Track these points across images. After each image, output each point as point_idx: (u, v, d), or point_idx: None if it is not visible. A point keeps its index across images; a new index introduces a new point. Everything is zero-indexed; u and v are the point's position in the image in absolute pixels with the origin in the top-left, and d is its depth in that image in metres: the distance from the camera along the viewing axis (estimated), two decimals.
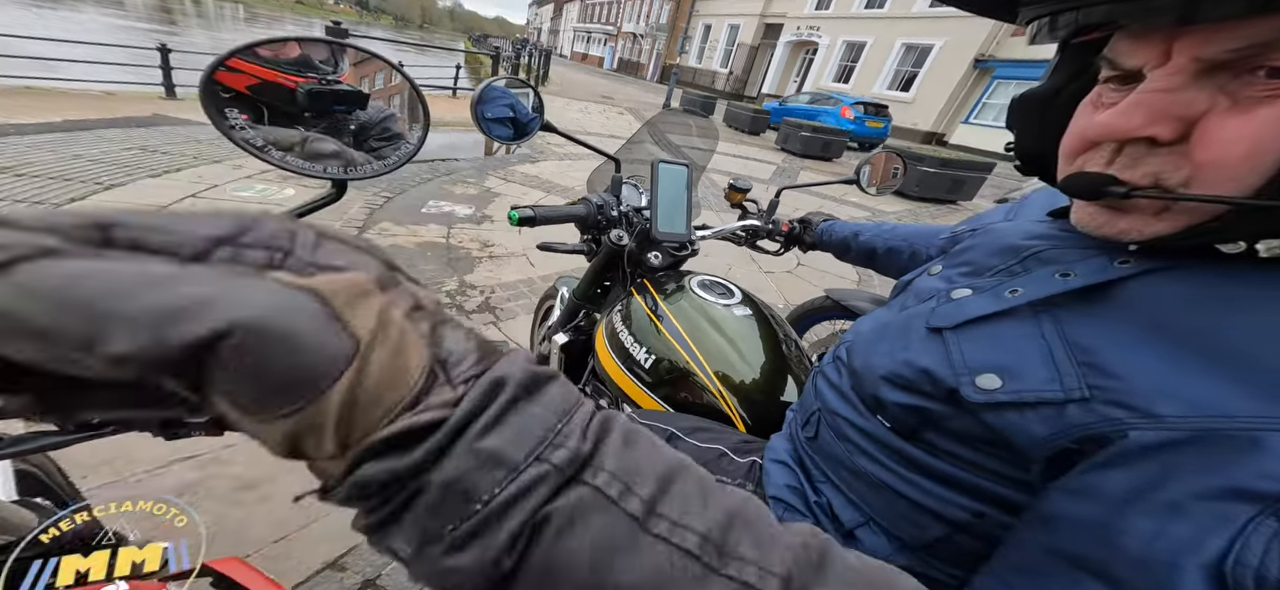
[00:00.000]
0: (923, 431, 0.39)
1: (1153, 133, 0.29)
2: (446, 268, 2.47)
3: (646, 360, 0.81)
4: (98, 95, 4.71)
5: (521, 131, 0.94)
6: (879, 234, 0.90)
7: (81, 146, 3.01)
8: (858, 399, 0.46)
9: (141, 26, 24.68)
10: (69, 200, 2.31)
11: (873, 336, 0.47)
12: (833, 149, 8.52)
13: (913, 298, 0.48)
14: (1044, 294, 0.35)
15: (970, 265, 0.45)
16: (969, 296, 0.40)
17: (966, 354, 0.36)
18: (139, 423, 0.20)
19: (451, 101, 8.62)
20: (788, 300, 2.91)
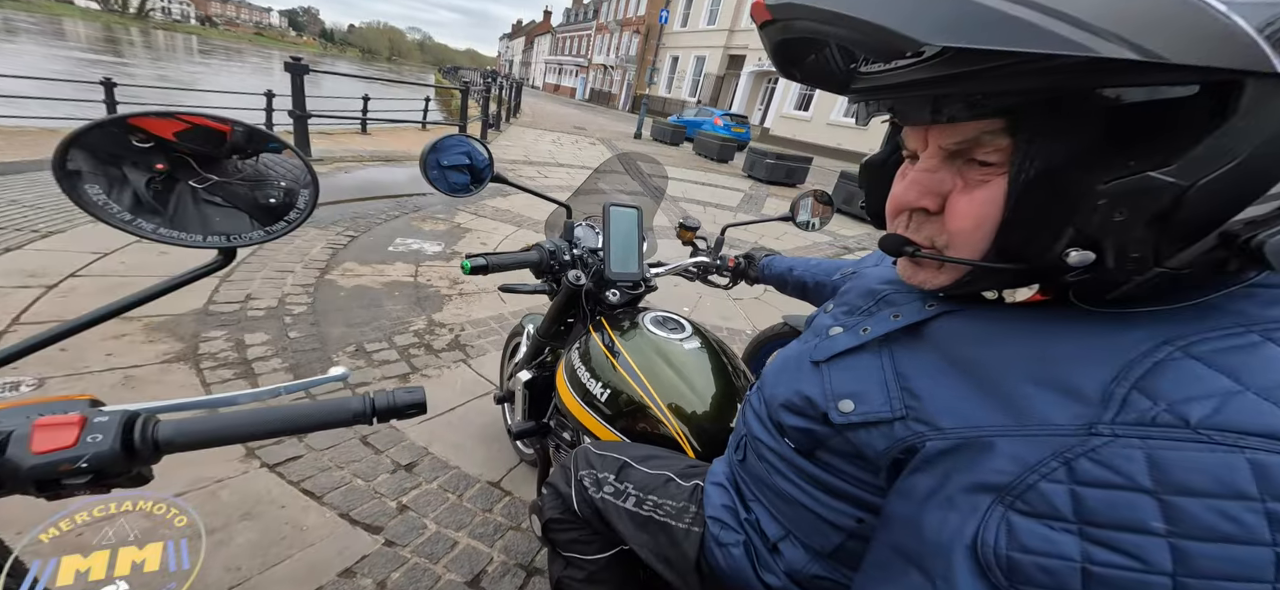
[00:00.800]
0: (816, 451, 0.45)
1: (923, 204, 0.36)
2: (415, 306, 2.41)
3: (603, 395, 0.84)
4: (35, 131, 4.42)
5: (478, 180, 0.97)
6: (808, 268, 0.98)
7: (16, 191, 2.81)
8: (769, 424, 0.50)
9: (87, 58, 23.56)
10: (3, 250, 2.14)
11: (779, 367, 0.52)
12: (796, 175, 8.91)
13: (812, 333, 0.53)
14: (883, 331, 0.42)
15: (846, 305, 0.51)
16: (840, 334, 0.46)
17: (834, 382, 0.42)
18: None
19: (421, 134, 8.57)
20: (754, 324, 2.98)
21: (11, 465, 0.35)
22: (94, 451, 0.36)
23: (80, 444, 0.36)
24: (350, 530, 1.26)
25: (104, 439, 0.37)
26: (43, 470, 0.35)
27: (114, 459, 0.37)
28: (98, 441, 0.37)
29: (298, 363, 1.83)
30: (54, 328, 0.36)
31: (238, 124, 0.44)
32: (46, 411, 0.39)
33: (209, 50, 62.52)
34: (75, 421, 0.37)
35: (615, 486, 0.66)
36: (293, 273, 2.48)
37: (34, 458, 0.35)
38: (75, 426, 0.37)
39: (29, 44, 28.37)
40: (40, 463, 0.35)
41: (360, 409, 0.46)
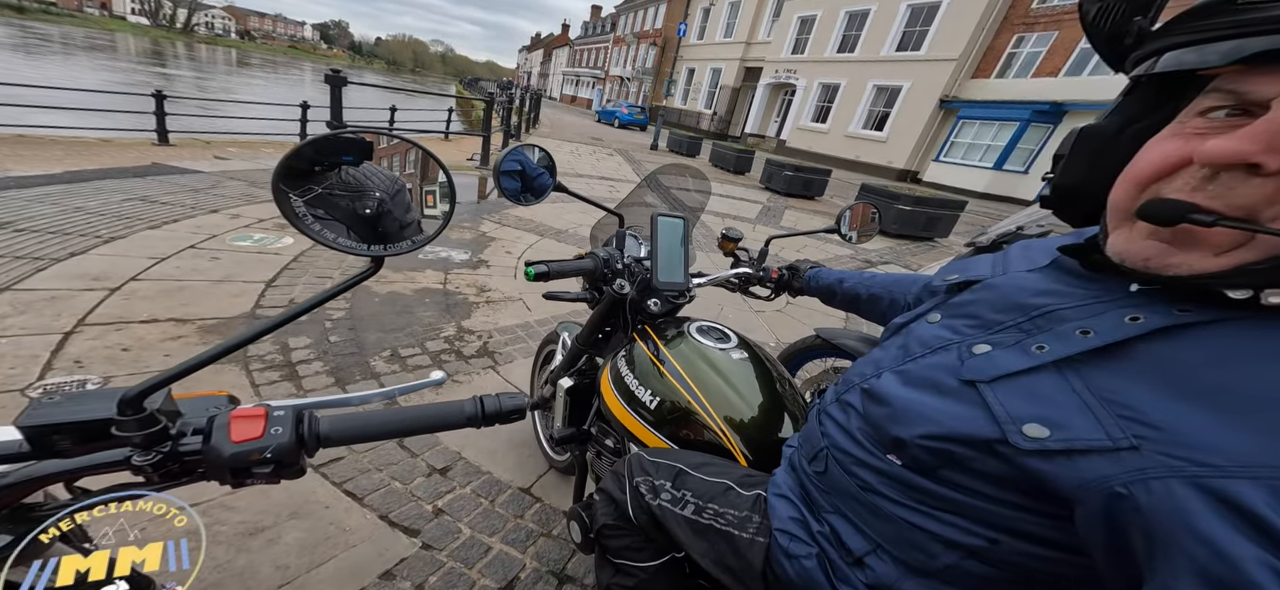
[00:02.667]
0: (940, 470, 0.42)
1: (1263, 160, 0.31)
2: (445, 313, 2.48)
3: (651, 401, 0.84)
4: (94, 142, 4.70)
5: (532, 189, 1.00)
6: (861, 282, 0.97)
7: (81, 199, 3.00)
8: (869, 441, 0.49)
9: (139, 71, 24.94)
10: (69, 255, 2.28)
11: (895, 384, 0.50)
12: (814, 187, 8.88)
13: (917, 345, 0.51)
14: (1068, 352, 0.38)
15: (976, 319, 0.48)
16: (992, 351, 0.43)
17: (1008, 405, 0.39)
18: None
19: (443, 144, 8.82)
20: (779, 338, 2.98)
21: (216, 452, 0.39)
22: (276, 443, 0.40)
23: (266, 436, 0.40)
24: (389, 532, 1.30)
25: (283, 432, 0.40)
26: (238, 458, 0.39)
27: (289, 450, 0.40)
28: (279, 434, 0.40)
29: (338, 366, 1.90)
30: (231, 339, 0.39)
31: (419, 144, 0.48)
32: (196, 406, 0.43)
33: (247, 63, 65.51)
34: (261, 415, 0.41)
35: (672, 493, 0.66)
36: (331, 278, 2.59)
37: (233, 447, 0.39)
38: (262, 420, 0.40)
39: (85, 58, 30.22)
40: (237, 451, 0.39)
41: (472, 413, 0.50)
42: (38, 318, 1.82)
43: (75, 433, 0.37)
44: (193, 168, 4.19)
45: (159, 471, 0.39)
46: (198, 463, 0.39)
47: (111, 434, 0.37)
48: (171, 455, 0.39)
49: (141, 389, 0.37)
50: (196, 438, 0.40)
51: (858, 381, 0.55)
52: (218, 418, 0.40)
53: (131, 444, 0.37)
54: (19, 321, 1.78)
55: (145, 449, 0.38)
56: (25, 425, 0.36)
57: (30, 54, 28.55)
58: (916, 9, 16.14)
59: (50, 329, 1.77)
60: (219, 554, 1.14)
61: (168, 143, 5.09)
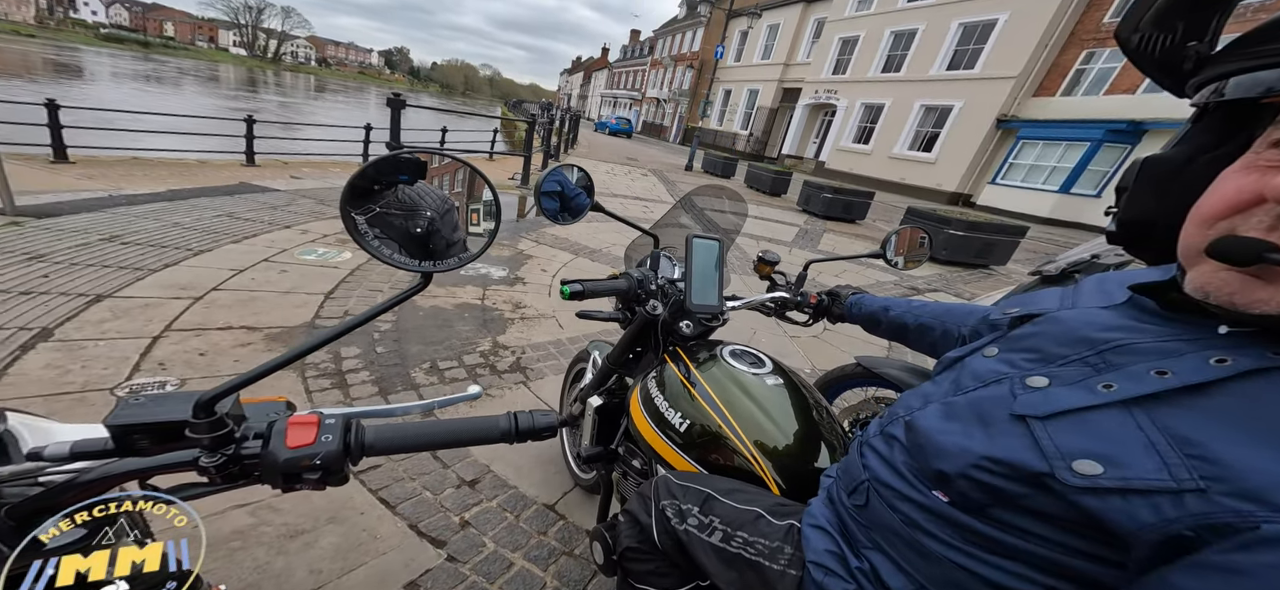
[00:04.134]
0: (990, 508, 0.40)
1: None
2: (481, 328, 2.58)
3: (681, 424, 0.83)
4: (193, 164, 5.35)
5: (570, 209, 1.04)
6: (909, 310, 0.93)
7: (179, 215, 3.39)
8: (913, 475, 0.47)
9: (235, 97, 28.25)
10: (164, 266, 2.59)
11: (937, 417, 0.48)
12: (855, 211, 8.58)
13: (970, 378, 0.49)
14: (1140, 392, 0.36)
15: (1037, 352, 0.46)
16: (1050, 387, 0.41)
17: (1058, 441, 0.37)
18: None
19: (487, 164, 9.32)
20: (814, 363, 2.86)
21: (272, 456, 0.41)
22: (325, 450, 0.42)
23: (317, 443, 0.42)
24: (417, 542, 1.34)
25: (332, 440, 0.42)
26: (291, 463, 0.41)
27: (337, 457, 0.42)
28: (328, 442, 0.42)
29: (382, 376, 2.02)
30: (294, 348, 0.42)
31: (468, 164, 0.51)
32: (258, 411, 0.45)
33: (322, 89, 72.68)
34: (313, 422, 0.43)
35: (700, 519, 0.64)
36: (382, 293, 2.77)
37: (288, 452, 0.41)
38: (313, 427, 0.43)
39: (193, 86, 34.71)
40: (291, 457, 0.41)
41: (506, 428, 0.52)
42: (132, 323, 2.05)
43: (154, 433, 0.40)
44: (272, 186, 4.67)
45: (221, 473, 0.41)
46: (255, 466, 0.42)
47: (185, 436, 0.39)
48: (234, 458, 0.41)
49: (214, 394, 0.40)
50: (257, 442, 0.42)
51: (903, 414, 0.53)
52: (277, 423, 0.42)
53: (201, 446, 0.40)
54: (115, 325, 2.01)
55: (212, 451, 0.40)
56: (112, 424, 0.39)
57: (148, 83, 33.19)
58: (969, 27, 15.51)
59: (141, 334, 2.00)
60: (260, 555, 1.21)
61: (253, 163, 5.70)
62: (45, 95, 4.42)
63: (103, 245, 2.69)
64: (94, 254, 2.56)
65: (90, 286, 2.25)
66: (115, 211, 3.22)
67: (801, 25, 23.65)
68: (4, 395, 1.54)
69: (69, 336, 1.88)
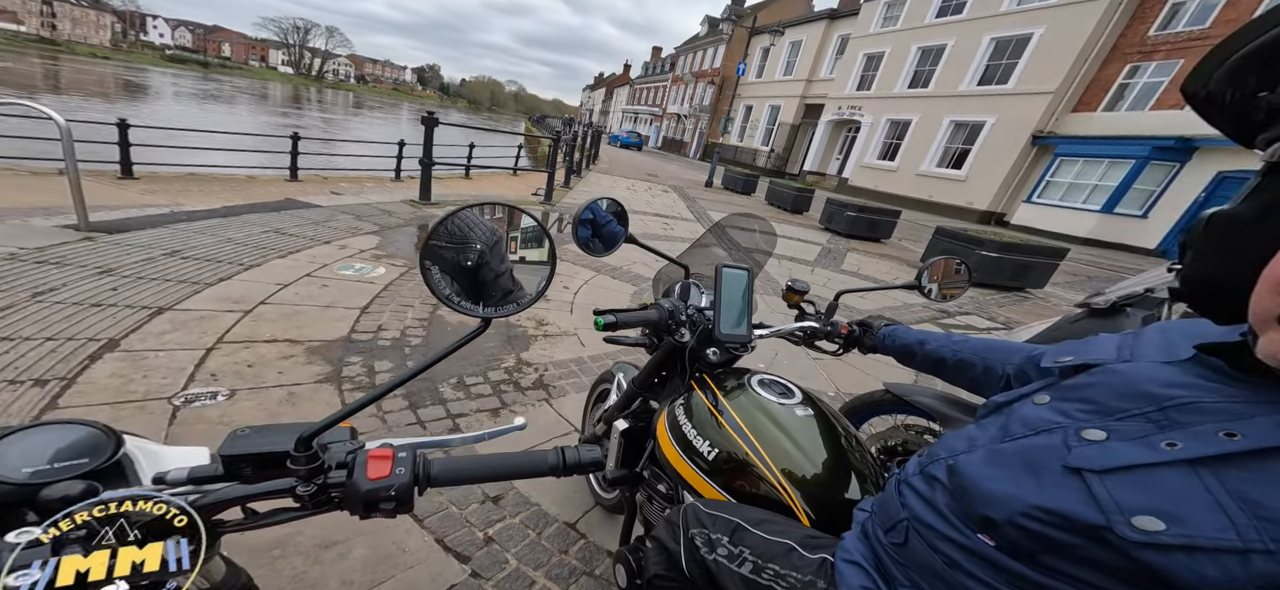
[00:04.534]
0: (1041, 555, 0.40)
1: None
2: (506, 345, 2.65)
3: (709, 452, 0.83)
4: (242, 179, 5.73)
5: (603, 238, 1.07)
6: (947, 344, 0.91)
7: (231, 231, 3.63)
8: (957, 517, 0.47)
9: (282, 114, 30.08)
10: (218, 280, 2.77)
11: (982, 462, 0.48)
12: (881, 229, 8.39)
13: (1019, 425, 0.49)
14: (1207, 453, 0.36)
15: (1093, 404, 0.45)
16: (1108, 441, 0.41)
17: (1117, 496, 0.37)
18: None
19: (511, 179, 9.59)
20: (837, 387, 2.80)
21: (355, 487, 0.44)
22: (399, 483, 0.45)
23: (392, 476, 0.45)
24: (443, 556, 1.38)
25: (404, 473, 0.46)
26: (370, 494, 0.44)
27: (407, 490, 0.45)
28: (401, 475, 0.45)
29: (414, 391, 2.10)
30: (383, 386, 0.46)
31: (515, 207, 0.55)
32: (331, 439, 0.49)
33: (360, 105, 76.78)
34: (388, 456, 0.46)
35: (729, 549, 0.64)
36: (413, 308, 2.89)
37: (368, 483, 0.44)
38: (388, 460, 0.46)
39: (244, 104, 37.25)
40: (371, 488, 0.44)
41: (555, 463, 0.55)
42: (188, 335, 2.20)
43: (258, 462, 0.45)
44: (314, 202, 4.94)
45: (313, 501, 0.45)
46: (340, 495, 0.45)
47: (286, 466, 0.43)
48: (323, 488, 0.44)
49: (315, 429, 0.44)
50: (341, 472, 0.46)
51: (945, 456, 0.53)
52: (357, 456, 0.46)
53: (298, 476, 0.43)
54: (174, 337, 2.16)
55: (306, 481, 0.44)
56: (224, 454, 0.44)
57: (205, 101, 35.81)
58: (1002, 42, 15.14)
59: (196, 345, 2.14)
60: (298, 563, 1.27)
61: (297, 179, 6.06)
62: (116, 115, 4.84)
63: (165, 260, 2.90)
64: (157, 268, 2.77)
65: (153, 299, 2.43)
66: (176, 227, 3.47)
67: (825, 42, 23.61)
68: (73, 402, 1.68)
69: (133, 347, 2.03)
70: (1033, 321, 4.84)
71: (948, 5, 16.85)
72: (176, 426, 1.67)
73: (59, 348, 1.92)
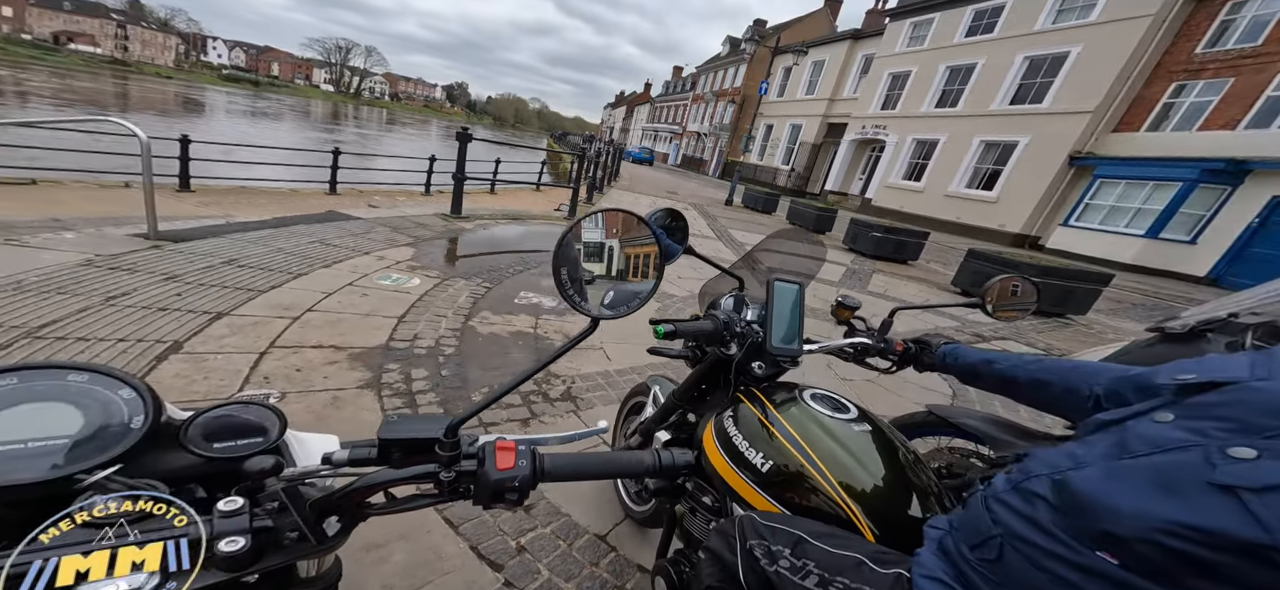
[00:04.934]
0: (1182, 576, 0.39)
1: None
2: (534, 356, 2.71)
3: (763, 464, 0.82)
4: (286, 192, 6.07)
5: (672, 253, 1.10)
6: (1020, 365, 0.90)
7: (281, 241, 3.85)
8: (1067, 533, 0.46)
9: (323, 130, 31.76)
10: (270, 288, 2.95)
11: (1101, 478, 0.47)
12: (908, 251, 8.20)
13: (1140, 442, 0.48)
14: None
15: (1234, 423, 0.45)
16: (1259, 459, 0.40)
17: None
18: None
19: (535, 194, 9.84)
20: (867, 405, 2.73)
21: (485, 477, 0.47)
22: (521, 475, 0.48)
23: (516, 467, 0.48)
24: (477, 564, 1.40)
25: (525, 465, 0.48)
26: (498, 484, 0.47)
27: (528, 482, 0.48)
28: (522, 467, 0.48)
29: (447, 398, 2.17)
30: (516, 376, 0.49)
31: (643, 220, 0.59)
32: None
33: (393, 121, 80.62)
34: (512, 448, 0.49)
35: (792, 561, 0.63)
36: (445, 318, 2.99)
37: (497, 474, 0.47)
38: (512, 453, 0.49)
39: (289, 121, 39.61)
40: (499, 478, 0.47)
41: (651, 464, 0.59)
42: (244, 339, 2.33)
43: (408, 447, 0.48)
44: (354, 214, 5.19)
45: (450, 488, 0.47)
46: (472, 483, 0.48)
47: (433, 452, 0.46)
48: (460, 475, 0.47)
49: (462, 418, 0.46)
50: (472, 461, 0.48)
51: (1046, 472, 0.52)
52: (487, 447, 0.48)
53: (442, 462, 0.46)
54: (232, 341, 2.30)
55: (448, 467, 0.46)
56: (382, 437, 0.47)
57: (255, 118, 38.27)
58: (1037, 61, 14.80)
59: (251, 349, 2.27)
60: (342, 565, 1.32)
61: (335, 192, 6.38)
62: (178, 131, 5.23)
63: (224, 267, 3.10)
64: (216, 275, 2.96)
65: (213, 304, 2.60)
66: (232, 237, 3.71)
67: (849, 61, 23.56)
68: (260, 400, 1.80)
69: (195, 350, 2.17)
70: (1083, 350, 4.62)
71: (978, 25, 16.63)
72: None
73: (130, 348, 2.07)
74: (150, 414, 0.44)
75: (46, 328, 2.09)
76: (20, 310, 2.18)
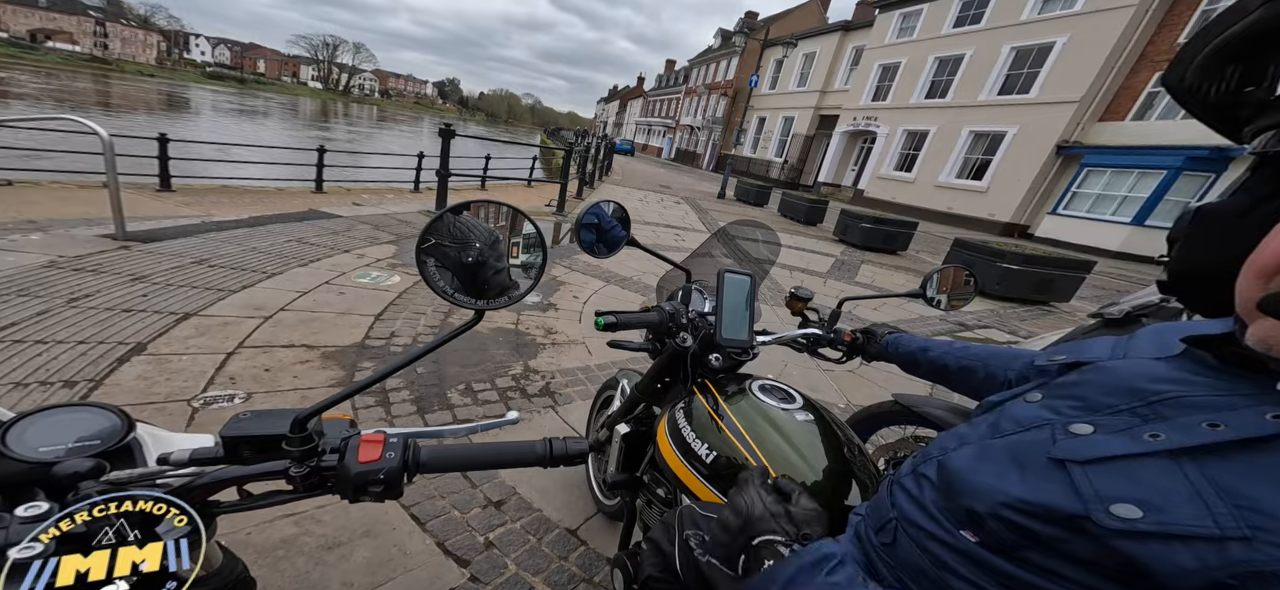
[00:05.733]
0: (1023, 550, 0.40)
1: None
2: (514, 352, 2.68)
3: (708, 456, 0.83)
4: (272, 191, 5.98)
5: (606, 242, 1.09)
6: (950, 351, 0.91)
7: (257, 240, 3.79)
8: (942, 514, 0.47)
9: (310, 128, 31.35)
10: (242, 288, 2.89)
11: (971, 458, 0.48)
12: (897, 241, 8.25)
13: (1009, 422, 0.49)
14: (1190, 443, 0.36)
15: (1082, 401, 0.46)
16: (1093, 434, 0.41)
17: (1098, 486, 0.38)
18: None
19: (526, 190, 9.78)
20: (848, 399, 2.74)
21: (346, 470, 0.46)
22: (388, 467, 0.47)
23: (382, 460, 0.47)
24: (443, 560, 1.39)
25: (394, 458, 0.47)
26: (360, 477, 0.46)
27: (396, 474, 0.47)
28: (390, 459, 0.47)
29: (422, 396, 2.14)
30: (373, 373, 0.48)
31: (514, 209, 0.56)
32: (331, 428, 0.51)
33: (383, 118, 79.72)
34: (379, 441, 0.48)
35: None
36: (424, 315, 2.95)
37: (358, 466, 0.46)
38: (379, 445, 0.48)
39: (276, 119, 39.02)
40: (361, 471, 0.46)
41: (542, 453, 0.57)
42: (211, 340, 2.29)
43: (256, 444, 0.47)
44: (336, 213, 5.12)
45: (305, 483, 0.47)
46: (331, 477, 0.47)
47: (281, 448, 0.45)
48: (315, 470, 0.46)
49: (309, 412, 0.46)
50: (334, 456, 0.48)
51: (936, 454, 0.53)
52: (351, 440, 0.48)
53: (292, 457, 0.45)
54: (198, 341, 2.26)
55: (300, 462, 0.46)
56: (224, 436, 0.46)
57: (241, 116, 37.67)
58: (1023, 51, 14.87)
59: (218, 350, 2.22)
60: (300, 564, 1.29)
61: (321, 191, 6.29)
62: (158, 130, 5.12)
63: (193, 268, 3.04)
64: (185, 276, 2.91)
65: (180, 305, 2.54)
66: (206, 237, 3.64)
67: (839, 53, 23.56)
68: (99, 402, 1.77)
69: (159, 351, 2.13)
70: (1050, 334, 4.68)
71: (965, 15, 16.67)
72: (194, 427, 1.74)
73: (90, 351, 2.03)
74: None
75: (3, 330, 2.04)
76: None
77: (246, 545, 1.32)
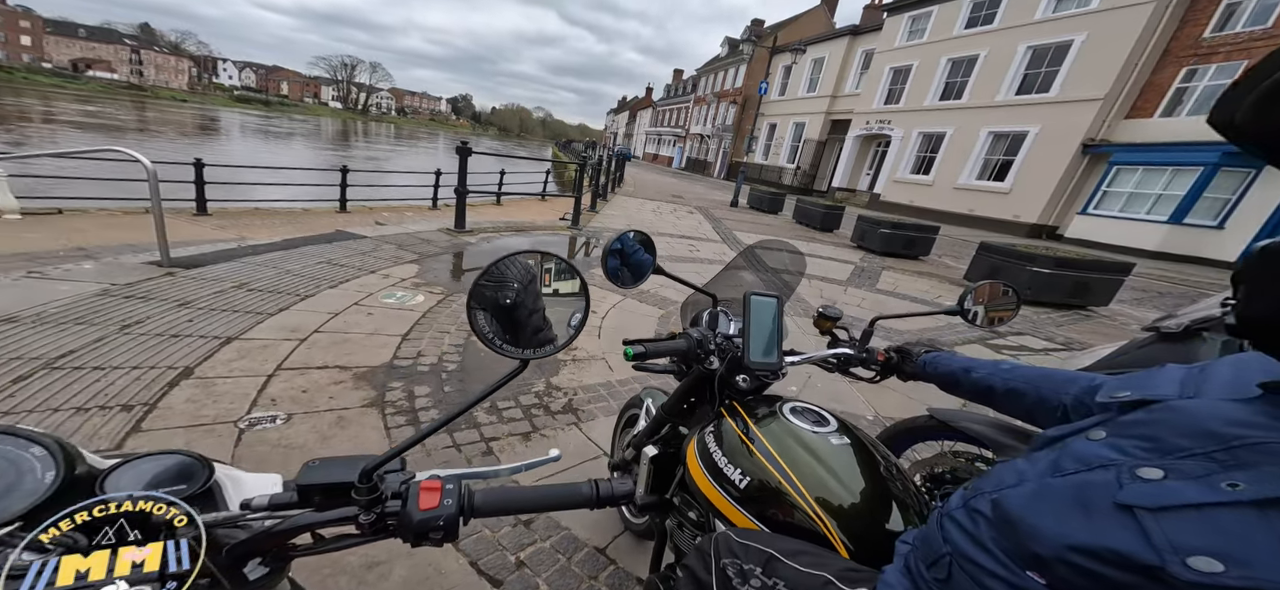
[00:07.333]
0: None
1: None
2: (536, 370, 2.72)
3: (740, 480, 0.82)
4: (299, 212, 6.21)
5: (630, 268, 1.09)
6: (996, 372, 0.87)
7: (290, 263, 3.92)
8: (1004, 553, 0.46)
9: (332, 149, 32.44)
10: (278, 311, 3.01)
11: (1030, 497, 0.47)
12: (918, 246, 8.08)
13: (1071, 461, 0.47)
14: (1275, 494, 0.34)
15: (1152, 442, 0.44)
16: (1164, 480, 0.39)
17: (1172, 535, 0.36)
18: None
19: (541, 204, 9.92)
20: (876, 410, 2.70)
21: (408, 517, 0.48)
22: (446, 514, 0.49)
23: (440, 506, 0.49)
24: (477, 580, 1.41)
25: (451, 504, 0.49)
26: (421, 524, 0.48)
27: (454, 520, 0.49)
28: (448, 506, 0.49)
29: None
30: (437, 420, 0.49)
31: (558, 258, 0.58)
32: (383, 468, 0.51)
33: (399, 133, 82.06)
34: (437, 488, 0.50)
35: (763, 580, 0.63)
36: (448, 334, 3.02)
37: (420, 514, 0.48)
38: (438, 492, 0.50)
39: (300, 140, 40.58)
40: (422, 518, 0.48)
41: (589, 494, 0.59)
42: (252, 362, 2.38)
43: (327, 492, 0.49)
44: (361, 233, 5.28)
45: (371, 528, 0.48)
46: (395, 523, 0.49)
47: (350, 496, 0.47)
48: (381, 516, 0.48)
49: (377, 462, 0.48)
50: (396, 502, 0.49)
51: (991, 490, 0.51)
52: (410, 487, 0.49)
53: (360, 505, 0.47)
54: (240, 364, 2.35)
55: (367, 510, 0.48)
56: (300, 484, 0.49)
57: (268, 138, 39.30)
58: (1040, 50, 14.57)
59: (258, 372, 2.31)
60: (343, 583, 1.33)
61: (345, 210, 6.51)
62: (195, 154, 5.38)
63: (234, 292, 3.17)
64: (227, 300, 3.03)
65: (223, 329, 2.66)
66: (243, 261, 3.79)
67: (848, 57, 23.42)
68: (154, 426, 1.85)
69: (205, 374, 2.22)
70: (1098, 343, 4.51)
71: (977, 16, 16.43)
72: (241, 448, 1.81)
73: (143, 375, 2.13)
74: (61, 470, 0.43)
75: (64, 358, 2.16)
76: (41, 342, 2.26)
77: (300, 565, 1.36)
